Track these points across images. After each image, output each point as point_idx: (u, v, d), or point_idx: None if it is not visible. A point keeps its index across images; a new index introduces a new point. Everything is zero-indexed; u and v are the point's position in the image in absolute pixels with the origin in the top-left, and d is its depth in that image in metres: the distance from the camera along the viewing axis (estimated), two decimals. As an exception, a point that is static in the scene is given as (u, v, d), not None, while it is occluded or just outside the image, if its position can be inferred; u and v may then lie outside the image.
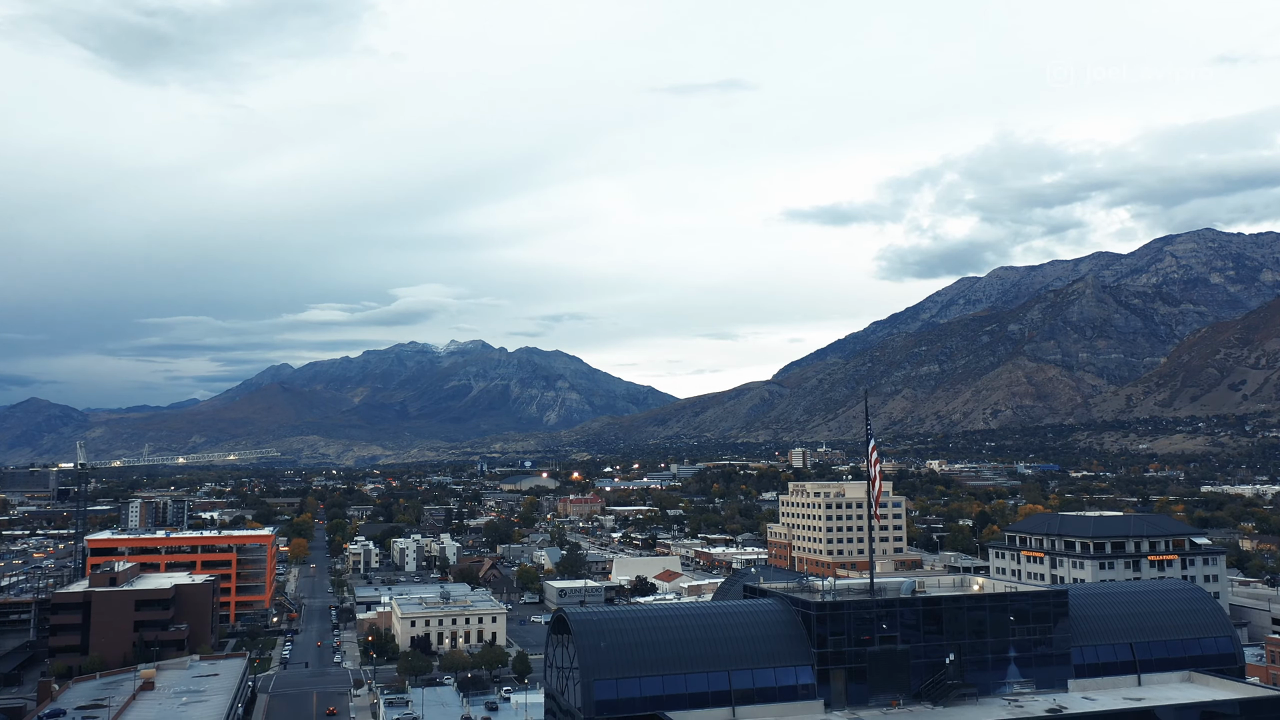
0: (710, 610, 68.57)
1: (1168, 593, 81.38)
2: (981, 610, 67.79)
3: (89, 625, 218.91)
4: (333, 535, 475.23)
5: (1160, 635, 73.00)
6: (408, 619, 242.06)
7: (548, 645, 73.29)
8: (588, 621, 64.56)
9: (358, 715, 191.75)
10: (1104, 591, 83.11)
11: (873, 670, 64.88)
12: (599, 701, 60.60)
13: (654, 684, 61.61)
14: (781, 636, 65.66)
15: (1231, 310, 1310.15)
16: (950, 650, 66.36)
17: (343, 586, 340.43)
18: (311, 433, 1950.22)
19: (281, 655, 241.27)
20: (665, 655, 63.11)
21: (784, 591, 71.72)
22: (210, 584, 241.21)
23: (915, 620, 66.11)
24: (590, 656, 61.77)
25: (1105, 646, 71.36)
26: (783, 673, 63.66)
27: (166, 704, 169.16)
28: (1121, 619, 74.39)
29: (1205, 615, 76.22)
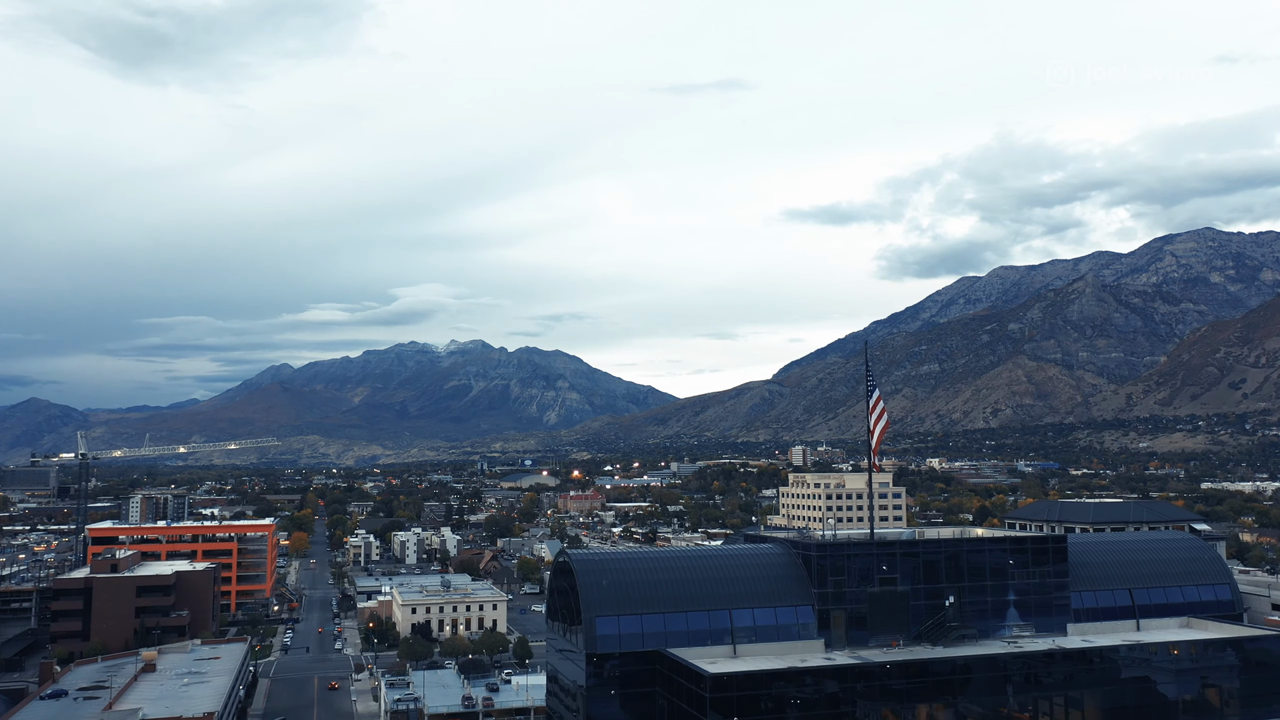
0: (712, 553, 69.09)
1: (1167, 542, 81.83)
2: (981, 554, 68.14)
3: (90, 611, 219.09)
4: (333, 530, 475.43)
5: (1159, 582, 73.43)
6: (409, 606, 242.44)
7: (549, 589, 73.71)
8: (590, 561, 65.13)
9: (358, 699, 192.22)
10: (1104, 540, 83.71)
11: (873, 612, 65.30)
12: (601, 637, 61.07)
13: (655, 621, 62.09)
14: (782, 578, 66.09)
15: (1231, 309, 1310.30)
16: (950, 593, 66.80)
17: (343, 578, 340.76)
18: (311, 432, 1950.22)
19: (283, 642, 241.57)
20: (667, 594, 63.62)
21: (784, 538, 72.20)
22: (212, 571, 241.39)
23: (915, 563, 66.52)
24: (592, 594, 62.25)
25: (1104, 592, 71.77)
26: (783, 613, 64.10)
27: (168, 684, 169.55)
28: (1121, 566, 74.85)
29: (1205, 564, 76.66)
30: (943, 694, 56.63)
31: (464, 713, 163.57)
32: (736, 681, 54.68)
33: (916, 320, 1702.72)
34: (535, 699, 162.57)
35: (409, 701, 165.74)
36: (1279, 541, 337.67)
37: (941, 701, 56.42)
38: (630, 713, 59.63)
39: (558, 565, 70.57)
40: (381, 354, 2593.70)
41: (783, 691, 55.16)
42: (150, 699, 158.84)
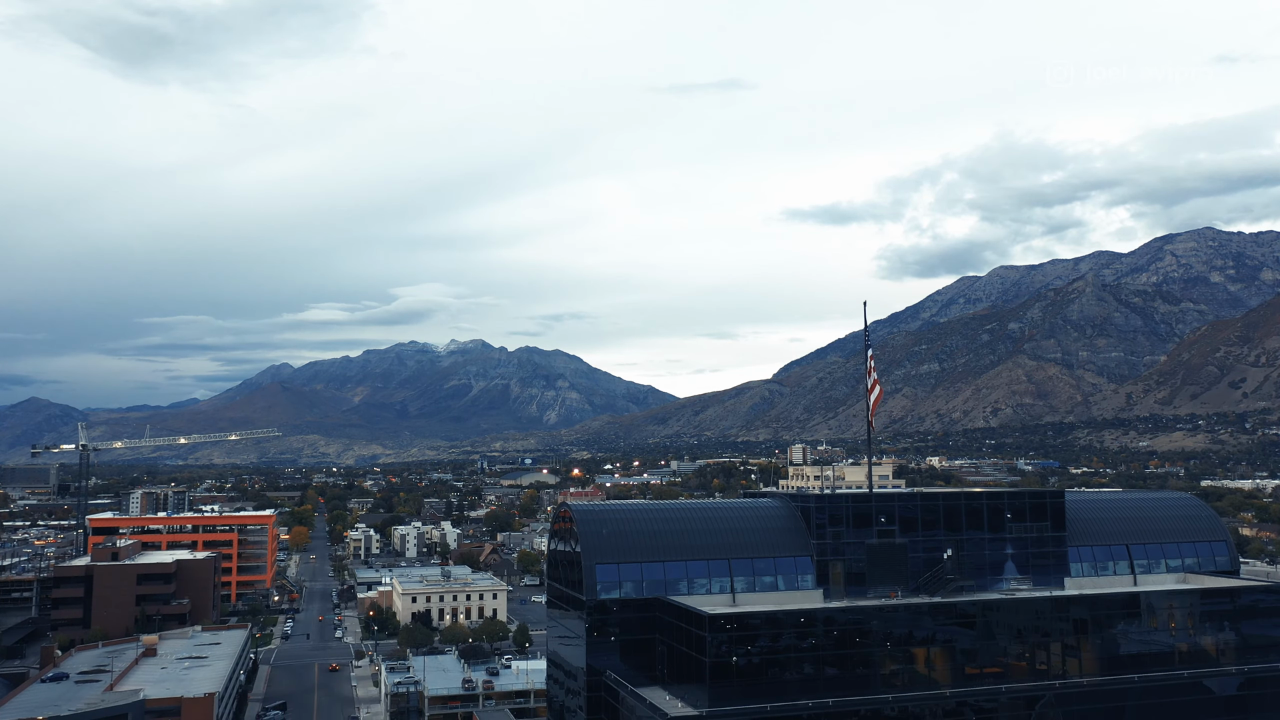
0: (711, 505, 69.57)
1: (1165, 501, 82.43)
2: (979, 508, 68.58)
3: (91, 599, 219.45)
4: (333, 525, 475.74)
5: (1157, 539, 73.85)
6: (409, 595, 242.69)
7: (550, 542, 74.13)
8: (590, 511, 65.62)
9: (359, 684, 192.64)
10: (1101, 499, 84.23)
11: (871, 563, 65.74)
12: (601, 584, 61.54)
13: (655, 570, 62.52)
14: (782, 529, 66.57)
15: (1232, 309, 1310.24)
16: (948, 546, 67.23)
17: (343, 571, 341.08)
18: (311, 432, 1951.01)
19: (283, 631, 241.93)
20: (667, 543, 64.07)
21: (783, 493, 72.62)
22: (212, 559, 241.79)
23: (913, 516, 66.95)
24: (592, 542, 62.70)
25: (1102, 548, 72.23)
26: (782, 563, 64.53)
27: (169, 668, 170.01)
28: (1118, 523, 75.29)
29: (1202, 522, 77.04)
30: (940, 639, 57.01)
31: (464, 695, 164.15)
32: (735, 621, 55.10)
33: (917, 320, 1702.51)
34: (535, 682, 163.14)
35: (409, 684, 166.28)
36: (1278, 536, 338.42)
37: (939, 646, 56.80)
38: (630, 661, 60.01)
39: (557, 517, 71.04)
40: (381, 354, 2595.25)
41: (781, 632, 55.52)
42: (151, 681, 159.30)
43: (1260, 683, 60.49)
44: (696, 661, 52.80)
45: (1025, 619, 59.88)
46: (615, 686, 58.94)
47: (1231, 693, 59.39)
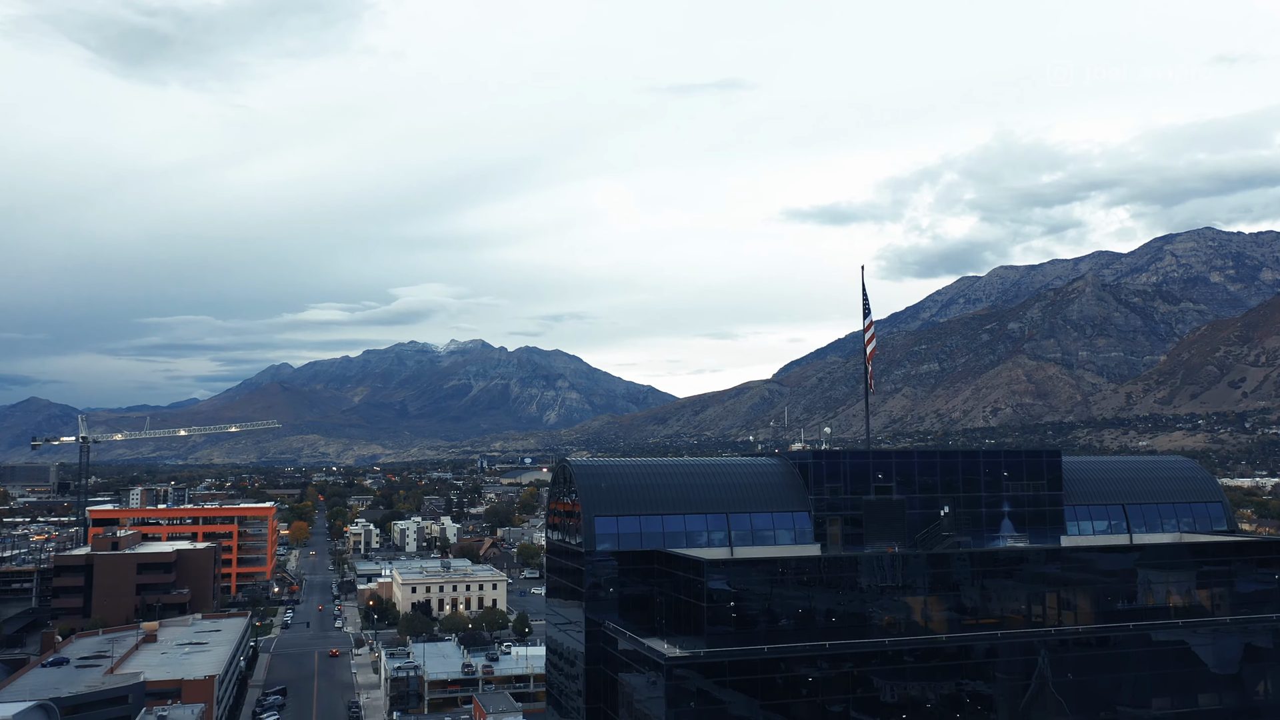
0: (710, 462, 69.99)
1: (1160, 463, 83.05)
2: (976, 465, 69.03)
3: (91, 589, 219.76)
4: (333, 521, 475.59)
5: (1153, 499, 74.35)
6: (409, 585, 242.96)
7: (550, 497, 74.53)
8: (589, 466, 66.12)
9: (359, 671, 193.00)
10: (1098, 461, 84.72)
11: (868, 519, 66.14)
12: (599, 535, 61.98)
13: (654, 523, 62.96)
14: (780, 485, 66.99)
15: (1231, 309, 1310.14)
16: (945, 504, 67.65)
17: (343, 564, 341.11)
18: (311, 432, 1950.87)
19: (283, 620, 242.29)
20: (665, 497, 64.52)
21: (780, 453, 73.11)
22: (213, 550, 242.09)
23: (910, 474, 67.35)
24: (591, 495, 63.14)
25: (1098, 507, 72.68)
26: (780, 518, 64.96)
27: (170, 653, 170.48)
28: (1115, 483, 75.78)
29: (1198, 483, 77.61)
30: (936, 587, 57.38)
31: (464, 679, 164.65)
32: (733, 567, 55.50)
33: (916, 320, 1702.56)
34: (535, 667, 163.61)
35: (409, 669, 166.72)
36: (1277, 531, 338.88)
37: (935, 596, 57.16)
38: (629, 616, 60.38)
39: (556, 475, 71.45)
40: (381, 354, 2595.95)
41: (779, 578, 55.93)
42: (152, 665, 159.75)
43: (1253, 634, 60.95)
44: (694, 609, 53.19)
45: (1021, 570, 60.28)
46: (614, 635, 59.34)
47: (1224, 642, 59.83)
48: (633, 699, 56.57)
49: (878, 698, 53.94)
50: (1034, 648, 56.82)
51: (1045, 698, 55.05)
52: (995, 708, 55.81)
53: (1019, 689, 56.43)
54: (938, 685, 55.07)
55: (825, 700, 53.43)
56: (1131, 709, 57.34)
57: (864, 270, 73.08)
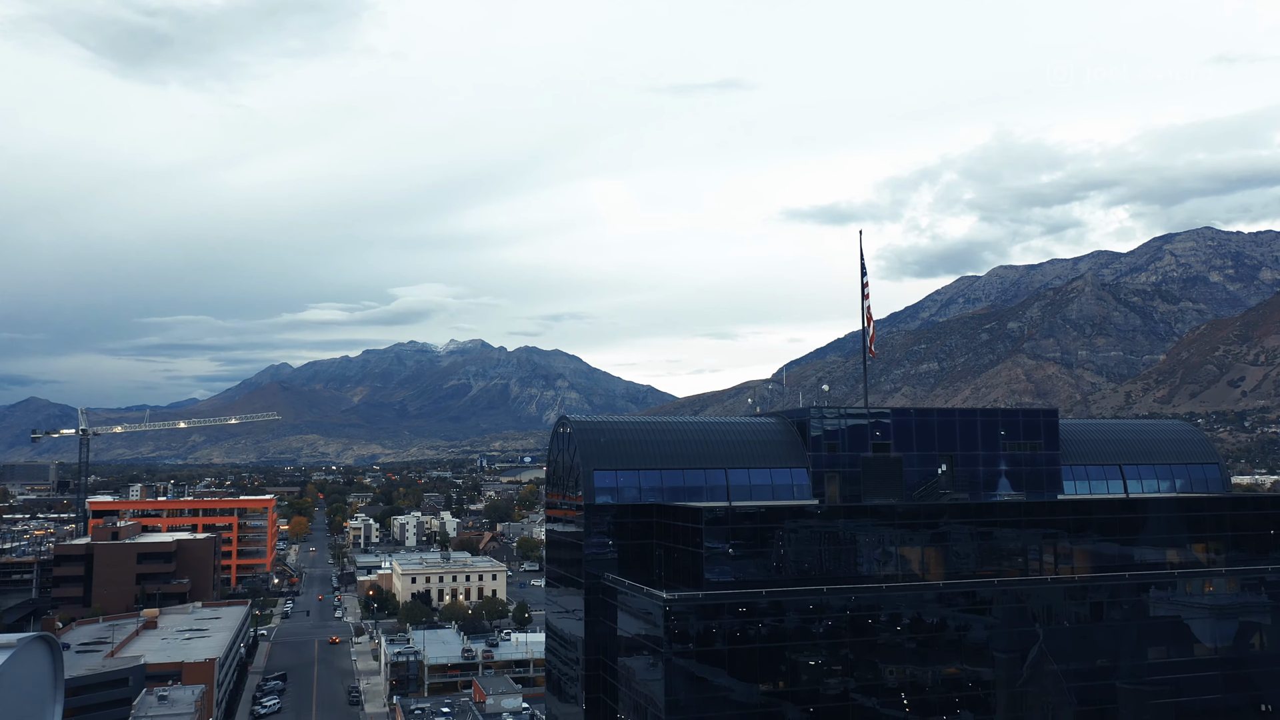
0: (709, 420, 70.38)
1: (1158, 425, 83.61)
2: (974, 425, 69.41)
3: (91, 578, 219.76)
4: (332, 517, 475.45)
5: (1149, 460, 74.77)
6: (408, 576, 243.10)
7: (550, 452, 74.85)
8: (589, 422, 66.47)
9: (359, 658, 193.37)
10: (1095, 423, 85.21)
11: (866, 476, 66.49)
12: (599, 489, 62.34)
13: (652, 477, 63.34)
14: (778, 443, 67.32)
15: (1231, 308, 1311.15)
16: (942, 462, 68.03)
17: (343, 558, 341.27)
18: (311, 432, 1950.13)
19: (283, 610, 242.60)
20: (664, 452, 64.83)
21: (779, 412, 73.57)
22: (213, 539, 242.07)
23: (909, 432, 67.69)
24: (590, 449, 63.48)
25: (1095, 467, 73.03)
26: (778, 474, 65.31)
27: (170, 639, 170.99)
28: (1111, 444, 76.21)
29: (1194, 445, 78.03)
30: (934, 539, 57.71)
31: (463, 664, 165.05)
32: (732, 517, 55.83)
33: (916, 320, 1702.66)
34: (535, 652, 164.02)
35: (409, 654, 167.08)
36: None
37: (933, 546, 57.52)
38: (627, 568, 60.74)
39: (556, 430, 71.82)
40: (381, 353, 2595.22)
41: (776, 527, 56.26)
42: (152, 650, 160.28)
43: (1248, 585, 61.37)
44: (693, 559, 53.52)
45: (1017, 519, 60.69)
46: (613, 585, 59.66)
47: (1218, 591, 60.25)
48: (632, 653, 56.91)
49: (874, 641, 54.29)
50: (1030, 595, 57.22)
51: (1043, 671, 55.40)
52: (992, 654, 56.18)
53: (1014, 636, 56.82)
54: (935, 632, 55.38)
55: (823, 644, 53.76)
56: (1128, 658, 57.72)
57: (861, 235, 73.19)
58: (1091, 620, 58.54)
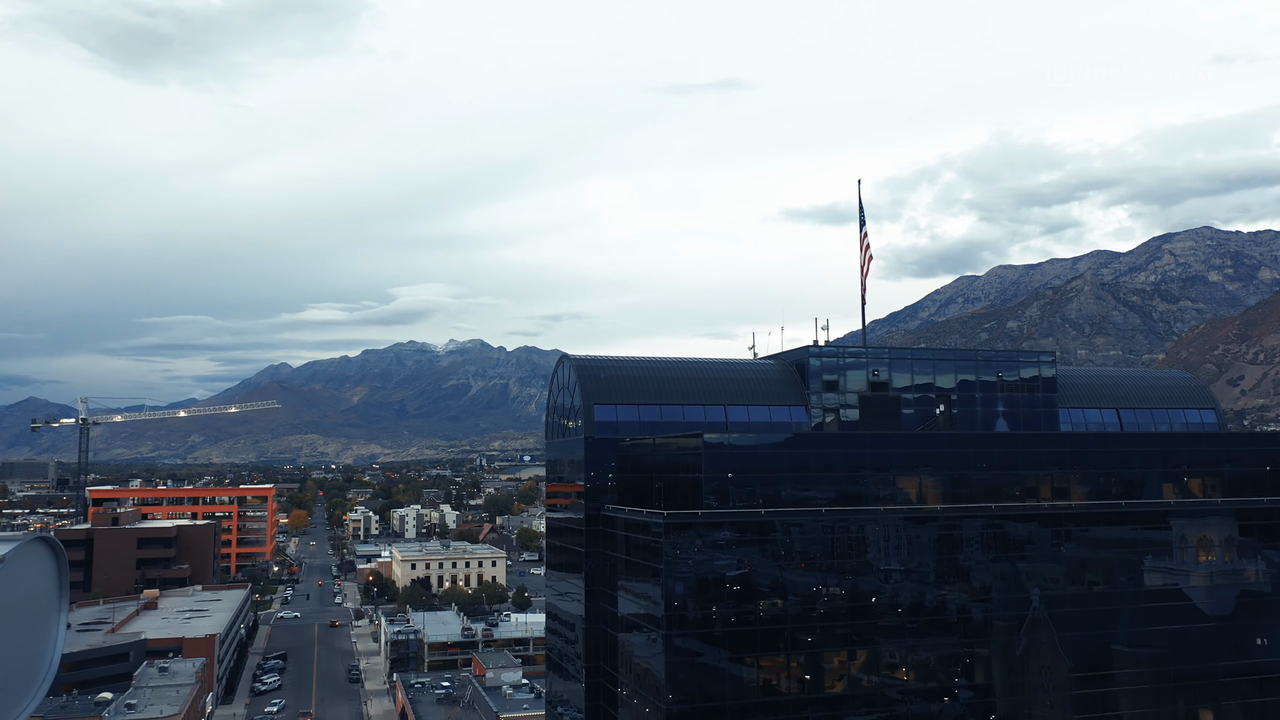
0: (708, 360, 70.70)
1: (1156, 373, 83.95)
2: (972, 365, 69.69)
3: (91, 563, 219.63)
4: (332, 510, 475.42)
5: (1146, 404, 75.12)
6: (408, 562, 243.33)
7: (550, 393, 75.16)
8: (589, 359, 66.75)
9: (359, 640, 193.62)
10: (1093, 370, 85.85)
11: (865, 415, 66.78)
12: (599, 423, 62.63)
13: (652, 412, 63.68)
14: (777, 382, 67.63)
15: (1230, 307, 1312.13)
16: (940, 403, 68.34)
17: (343, 549, 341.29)
18: (310, 431, 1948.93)
19: (284, 596, 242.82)
20: (664, 389, 65.15)
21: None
22: (212, 526, 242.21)
23: (907, 371, 67.99)
24: (591, 385, 63.81)
25: (1092, 410, 73.40)
26: (777, 411, 65.62)
27: (170, 619, 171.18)
28: (1109, 388, 76.61)
29: (1191, 390, 78.37)
30: (933, 467, 58.02)
31: (463, 642, 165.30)
32: (731, 442, 56.19)
33: (915, 319, 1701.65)
34: (535, 631, 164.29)
35: (409, 633, 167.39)
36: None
37: (931, 475, 57.83)
38: (626, 502, 61.06)
39: (555, 375, 72.20)
40: (380, 353, 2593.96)
41: (776, 453, 56.60)
42: (152, 628, 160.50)
43: (1244, 514, 61.71)
44: (692, 485, 53.82)
45: (1015, 450, 61.10)
46: (613, 514, 60.04)
47: (1213, 520, 60.59)
48: (632, 575, 57.19)
49: (872, 561, 54.58)
50: (1026, 520, 57.52)
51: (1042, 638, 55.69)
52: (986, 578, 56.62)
53: (1008, 563, 57.22)
54: (931, 554, 55.74)
55: (820, 562, 54.08)
56: (1122, 580, 58.04)
57: (860, 184, 73.50)
58: (1087, 546, 58.95)
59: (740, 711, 52.08)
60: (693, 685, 51.89)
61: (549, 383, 73.75)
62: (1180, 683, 59.77)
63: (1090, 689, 57.92)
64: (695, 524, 51.89)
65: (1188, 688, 59.95)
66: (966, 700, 56.15)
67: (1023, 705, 57.47)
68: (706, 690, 51.97)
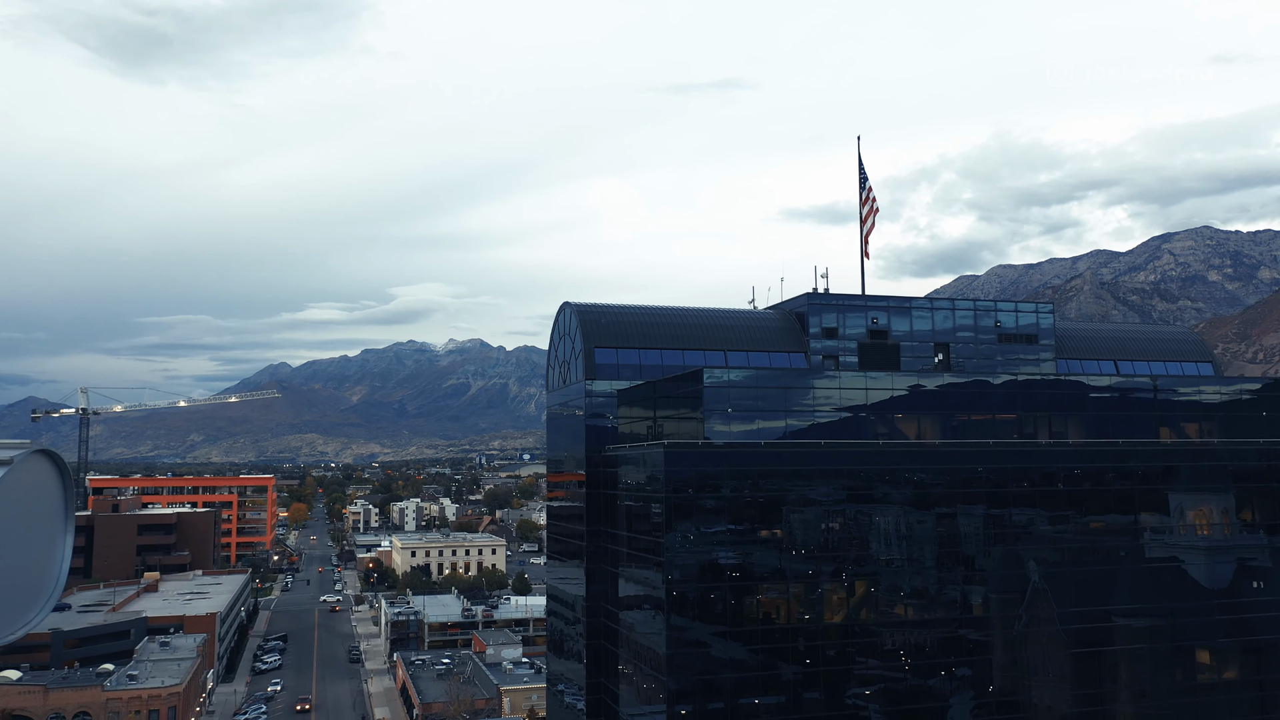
0: (708, 309, 71.17)
1: (1153, 328, 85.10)
2: (970, 313, 70.12)
3: (91, 549, 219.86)
4: (331, 505, 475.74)
5: (1144, 357, 75.60)
6: (408, 550, 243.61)
7: (550, 342, 75.60)
8: (591, 305, 67.22)
9: (359, 624, 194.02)
10: (1091, 324, 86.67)
11: (863, 361, 67.14)
12: (599, 365, 63.15)
13: (653, 356, 64.09)
14: (776, 329, 68.08)
15: (1229, 306, 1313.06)
16: (939, 351, 68.76)
17: (342, 541, 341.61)
18: (309, 431, 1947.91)
19: (284, 583, 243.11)
20: (665, 334, 65.62)
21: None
22: (213, 513, 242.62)
23: (906, 321, 68.46)
24: (592, 329, 64.29)
25: (1090, 361, 73.83)
26: (776, 358, 66.00)
27: (170, 600, 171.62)
28: (1106, 341, 77.08)
29: (1188, 344, 78.90)
30: (933, 408, 58.50)
31: (463, 623, 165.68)
32: (731, 380, 56.63)
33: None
34: (535, 612, 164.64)
35: (409, 614, 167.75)
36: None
37: (929, 417, 58.31)
38: (628, 441, 61.49)
39: (556, 322, 72.62)
40: (380, 353, 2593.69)
41: (777, 389, 57.06)
42: (153, 608, 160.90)
43: (1242, 457, 62.19)
44: (693, 422, 54.26)
45: (1013, 392, 61.60)
46: (613, 454, 60.48)
47: (1211, 465, 61.06)
48: (634, 520, 57.56)
49: (870, 495, 54.99)
50: (1025, 458, 57.97)
51: (1037, 533, 56.04)
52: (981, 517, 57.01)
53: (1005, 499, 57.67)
54: (927, 489, 56.12)
55: (818, 491, 54.44)
56: (1117, 515, 58.38)
57: (859, 140, 73.91)
58: (1083, 481, 59.44)
59: (733, 593, 52.51)
60: (690, 565, 52.13)
61: (550, 332, 74.19)
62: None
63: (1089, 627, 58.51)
64: (695, 450, 52.35)
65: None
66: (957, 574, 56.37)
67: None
68: (702, 569, 52.09)
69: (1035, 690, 56.73)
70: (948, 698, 55.27)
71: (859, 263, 76.05)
